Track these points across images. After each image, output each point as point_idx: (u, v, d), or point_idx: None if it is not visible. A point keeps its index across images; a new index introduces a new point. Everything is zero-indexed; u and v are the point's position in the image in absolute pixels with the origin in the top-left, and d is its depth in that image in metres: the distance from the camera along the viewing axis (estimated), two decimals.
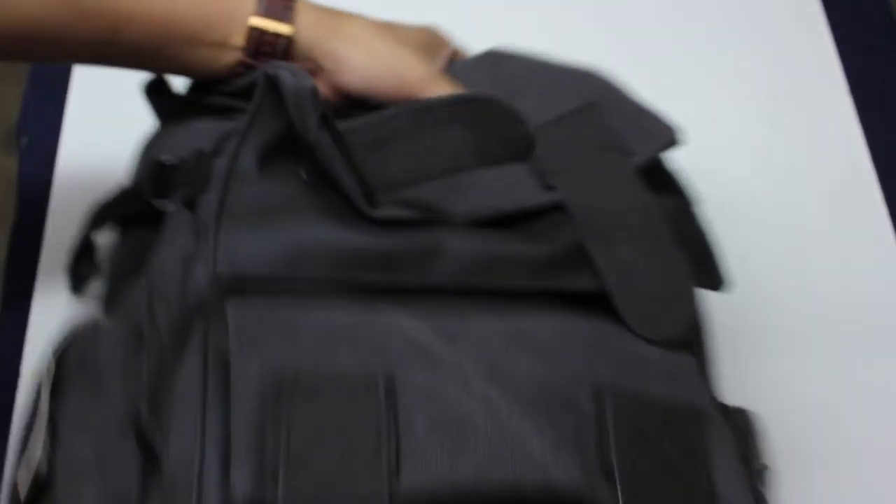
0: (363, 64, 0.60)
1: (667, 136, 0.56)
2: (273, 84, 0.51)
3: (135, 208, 0.57)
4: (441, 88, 0.60)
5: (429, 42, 0.63)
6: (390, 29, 0.62)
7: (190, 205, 0.52)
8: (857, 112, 0.81)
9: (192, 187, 0.52)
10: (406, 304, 0.48)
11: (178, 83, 0.62)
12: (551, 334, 0.48)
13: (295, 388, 0.42)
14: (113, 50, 0.57)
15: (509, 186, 0.54)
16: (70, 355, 0.49)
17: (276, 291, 0.46)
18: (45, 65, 0.59)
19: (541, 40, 0.85)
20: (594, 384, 0.46)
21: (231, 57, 0.58)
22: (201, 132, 0.57)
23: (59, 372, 0.49)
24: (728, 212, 0.64)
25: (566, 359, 0.47)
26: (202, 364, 0.44)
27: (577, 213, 0.52)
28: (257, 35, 0.58)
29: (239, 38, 0.58)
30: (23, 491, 0.48)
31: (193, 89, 0.62)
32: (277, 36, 0.58)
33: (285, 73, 0.51)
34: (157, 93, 0.62)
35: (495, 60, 0.63)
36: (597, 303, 0.50)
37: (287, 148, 0.51)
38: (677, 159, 0.59)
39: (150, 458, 0.45)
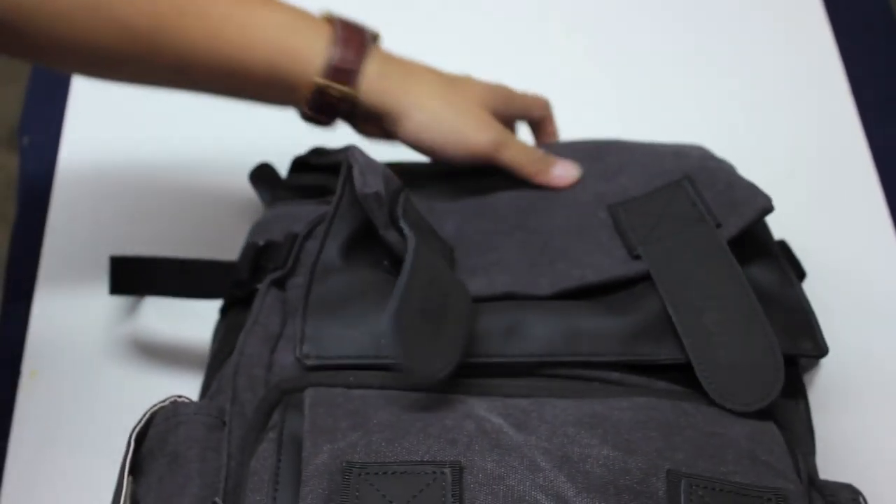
0: (425, 126, 0.60)
1: (759, 207, 0.55)
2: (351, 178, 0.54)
3: (236, 292, 0.59)
4: (511, 153, 0.61)
5: (496, 100, 0.63)
6: (457, 85, 0.62)
7: (279, 284, 0.55)
8: (858, 112, 0.81)
9: (283, 268, 0.56)
10: (482, 386, 0.50)
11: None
12: (629, 415, 0.48)
13: (363, 470, 0.44)
14: (186, 84, 0.60)
15: (596, 256, 0.55)
16: (151, 433, 0.50)
17: (355, 378, 0.49)
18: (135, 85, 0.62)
19: (541, 42, 0.85)
20: (669, 469, 0.45)
21: (296, 105, 0.61)
22: (299, 217, 0.60)
23: (140, 451, 0.50)
24: None
25: (642, 441, 0.46)
26: (277, 447, 0.47)
27: (662, 282, 0.53)
28: (319, 96, 0.59)
29: (304, 95, 0.59)
30: None
31: (293, 171, 0.65)
32: (340, 98, 0.59)
33: (356, 173, 0.53)
34: (260, 179, 0.66)
35: (599, 146, 0.64)
36: (681, 373, 0.51)
37: (372, 235, 0.54)
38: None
39: None
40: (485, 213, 0.60)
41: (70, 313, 0.70)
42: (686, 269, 0.53)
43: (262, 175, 0.66)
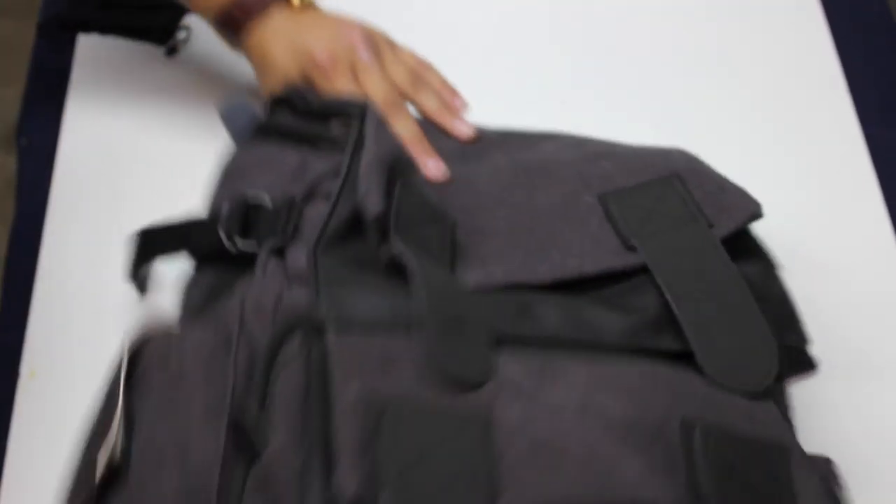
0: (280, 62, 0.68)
1: (749, 210, 0.57)
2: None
3: (211, 241, 0.57)
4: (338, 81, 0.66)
5: (362, 39, 0.69)
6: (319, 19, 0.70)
7: (279, 251, 0.54)
8: (857, 112, 0.81)
9: (283, 235, 0.55)
10: (501, 349, 0.50)
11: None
12: (640, 378, 0.49)
13: (395, 412, 0.44)
14: None
15: (588, 245, 0.56)
16: (149, 352, 0.50)
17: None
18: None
19: (539, 45, 0.86)
20: (684, 417, 0.47)
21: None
22: (283, 166, 0.59)
23: (134, 367, 0.50)
24: None
25: (654, 398, 0.48)
26: (305, 373, 0.46)
27: (660, 273, 0.54)
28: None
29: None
30: (99, 472, 0.48)
31: (271, 111, 0.64)
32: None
33: (363, 168, 0.55)
34: (233, 117, 0.65)
35: (582, 139, 0.64)
36: (682, 361, 0.52)
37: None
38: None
39: (240, 450, 0.46)
40: (464, 190, 0.60)
41: (69, 313, 0.70)
42: (683, 262, 0.55)
43: (235, 112, 0.65)
